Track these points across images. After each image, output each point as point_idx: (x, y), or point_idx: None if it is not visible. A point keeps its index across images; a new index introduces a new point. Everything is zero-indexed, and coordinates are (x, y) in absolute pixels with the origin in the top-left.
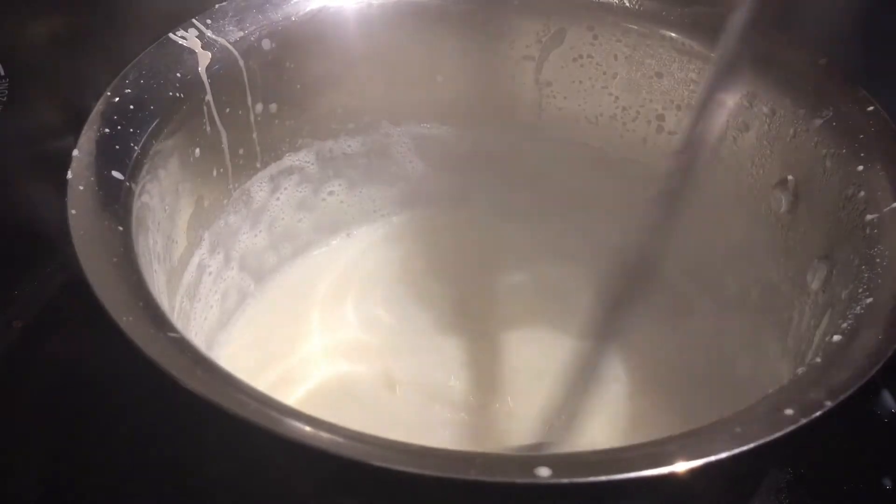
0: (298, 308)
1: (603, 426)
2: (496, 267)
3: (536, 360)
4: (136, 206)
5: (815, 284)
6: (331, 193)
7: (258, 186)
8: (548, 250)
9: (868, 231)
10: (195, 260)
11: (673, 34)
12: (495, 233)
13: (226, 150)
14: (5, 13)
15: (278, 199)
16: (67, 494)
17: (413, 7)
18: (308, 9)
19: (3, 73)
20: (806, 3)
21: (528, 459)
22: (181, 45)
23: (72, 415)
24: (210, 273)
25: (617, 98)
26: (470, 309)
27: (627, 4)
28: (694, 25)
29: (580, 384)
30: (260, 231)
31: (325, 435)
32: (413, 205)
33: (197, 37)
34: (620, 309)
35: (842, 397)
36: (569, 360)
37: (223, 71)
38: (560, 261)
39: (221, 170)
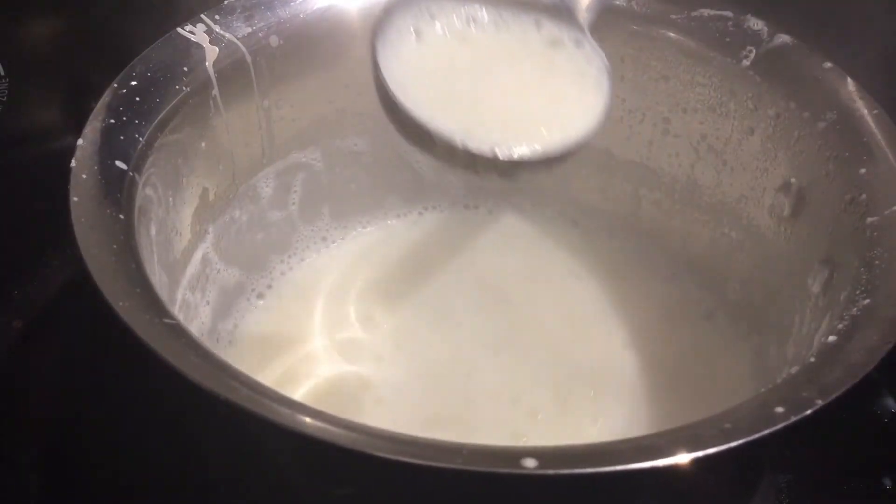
0: (301, 307)
1: (603, 424)
2: (500, 266)
3: (540, 362)
4: (139, 196)
5: (815, 287)
6: (337, 192)
7: (264, 182)
8: (551, 251)
9: (868, 234)
10: (199, 254)
11: (679, 37)
12: (499, 233)
13: (232, 145)
14: (5, 13)
15: (284, 195)
16: (67, 494)
17: None
18: (316, 6)
19: (2, 73)
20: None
21: (515, 450)
22: (189, 39)
23: (72, 415)
24: (215, 268)
25: (623, 100)
26: (478, 308)
27: (634, 7)
28: (700, 28)
29: None
30: (264, 228)
31: (317, 423)
32: (419, 204)
33: (205, 32)
34: None
35: (833, 396)
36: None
37: (231, 66)
38: (562, 260)
39: (227, 164)
